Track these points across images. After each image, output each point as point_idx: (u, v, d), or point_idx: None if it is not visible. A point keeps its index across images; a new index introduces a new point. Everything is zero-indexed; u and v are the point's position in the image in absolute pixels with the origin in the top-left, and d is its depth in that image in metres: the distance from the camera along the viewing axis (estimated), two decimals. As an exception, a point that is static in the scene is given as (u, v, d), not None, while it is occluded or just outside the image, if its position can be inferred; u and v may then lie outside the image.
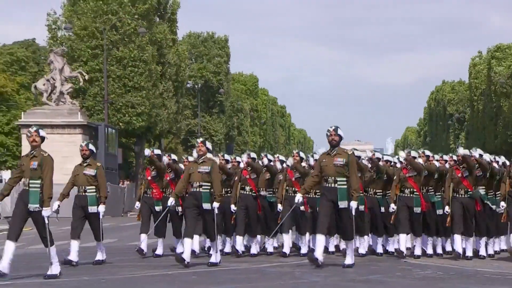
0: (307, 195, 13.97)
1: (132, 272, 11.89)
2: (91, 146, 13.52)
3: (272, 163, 14.97)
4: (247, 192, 14.55)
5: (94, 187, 13.17)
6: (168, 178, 14.77)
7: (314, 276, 11.26)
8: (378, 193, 14.80)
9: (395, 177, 14.32)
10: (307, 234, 14.55)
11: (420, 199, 14.12)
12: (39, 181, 11.09)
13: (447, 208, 13.99)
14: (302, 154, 14.94)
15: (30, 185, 11.10)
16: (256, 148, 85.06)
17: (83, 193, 13.19)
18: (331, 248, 15.06)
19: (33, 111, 41.37)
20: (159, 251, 14.72)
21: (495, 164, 15.16)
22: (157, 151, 14.97)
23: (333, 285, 10.43)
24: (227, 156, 15.51)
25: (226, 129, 75.33)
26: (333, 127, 12.31)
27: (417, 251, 14.23)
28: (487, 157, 15.11)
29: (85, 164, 13.29)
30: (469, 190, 13.95)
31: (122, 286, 10.61)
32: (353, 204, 12.09)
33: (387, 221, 14.51)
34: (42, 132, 11.40)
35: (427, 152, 15.23)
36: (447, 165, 14.87)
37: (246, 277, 11.31)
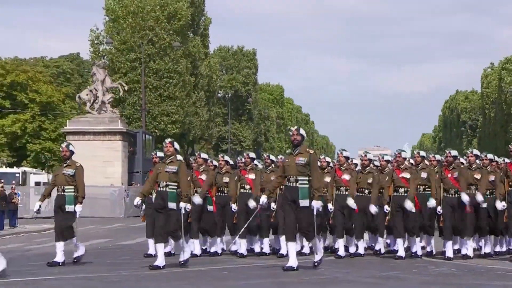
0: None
1: (167, 268, 11.88)
2: (71, 147, 13.02)
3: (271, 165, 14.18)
4: (247, 191, 13.73)
5: (72, 187, 12.56)
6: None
7: (336, 272, 11.17)
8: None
9: (387, 178, 13.49)
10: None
11: (414, 198, 13.16)
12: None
13: (439, 209, 13.27)
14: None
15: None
16: (283, 154, 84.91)
17: (62, 193, 12.58)
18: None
19: (77, 119, 41.66)
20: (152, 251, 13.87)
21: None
22: (160, 154, 14.22)
23: (354, 281, 10.34)
24: (227, 157, 14.64)
25: (254, 136, 75.32)
26: (295, 127, 11.65)
27: (417, 250, 13.36)
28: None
29: (64, 165, 12.75)
30: (459, 190, 13.08)
31: (158, 281, 10.59)
32: (315, 203, 11.16)
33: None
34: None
35: (437, 157, 14.70)
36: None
37: (272, 273, 11.24)
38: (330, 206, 13.62)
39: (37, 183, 50.04)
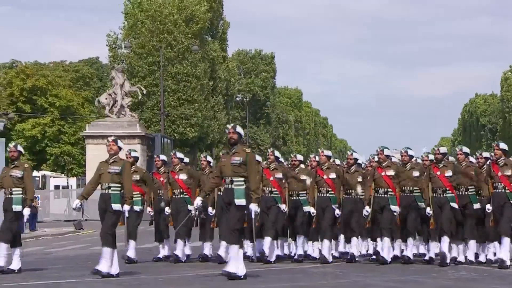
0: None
1: (186, 271, 11.89)
2: (19, 148, 12.26)
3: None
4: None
5: (20, 189, 11.89)
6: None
7: (355, 276, 11.14)
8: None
9: (368, 177, 12.76)
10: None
11: (395, 199, 12.54)
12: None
13: (428, 210, 12.43)
14: (277, 153, 13.58)
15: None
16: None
17: (9, 195, 11.89)
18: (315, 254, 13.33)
19: (96, 123, 41.87)
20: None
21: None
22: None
23: (373, 285, 10.30)
24: (209, 158, 14.02)
25: (272, 139, 75.30)
26: (232, 125, 10.90)
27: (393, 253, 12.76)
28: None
29: (12, 166, 12.02)
30: (447, 189, 12.38)
31: (178, 284, 10.61)
32: (253, 206, 10.43)
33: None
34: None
35: (451, 158, 13.56)
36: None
37: (291, 276, 11.23)
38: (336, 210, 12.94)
39: (57, 187, 50.40)
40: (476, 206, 12.63)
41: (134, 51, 49.17)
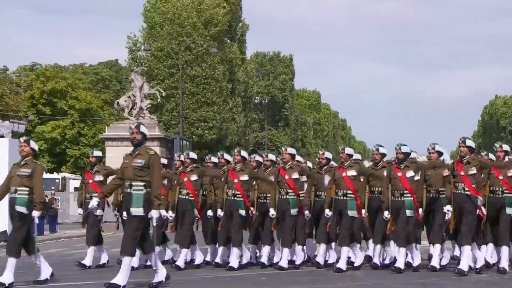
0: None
1: (206, 273, 11.91)
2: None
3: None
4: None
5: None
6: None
7: (374, 278, 11.12)
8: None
9: (329, 179, 11.83)
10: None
11: (356, 202, 11.63)
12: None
13: (386, 214, 11.55)
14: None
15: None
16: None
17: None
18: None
19: (115, 125, 42.04)
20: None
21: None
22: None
23: (393, 287, 10.29)
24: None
25: (291, 141, 75.21)
26: (135, 125, 10.16)
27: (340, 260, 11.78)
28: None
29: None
30: (406, 192, 11.38)
31: (196, 286, 10.63)
32: (154, 213, 9.55)
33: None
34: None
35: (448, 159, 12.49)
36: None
37: (310, 279, 11.23)
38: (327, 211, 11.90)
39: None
40: (446, 209, 11.42)
41: (153, 54, 49.38)
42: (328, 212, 11.82)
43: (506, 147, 12.08)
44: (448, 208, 11.33)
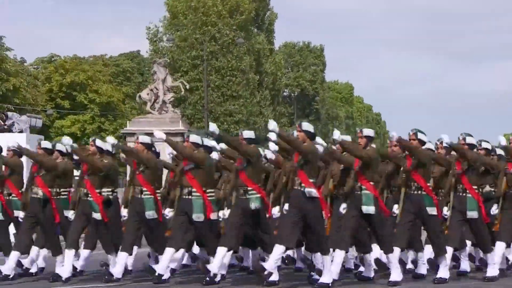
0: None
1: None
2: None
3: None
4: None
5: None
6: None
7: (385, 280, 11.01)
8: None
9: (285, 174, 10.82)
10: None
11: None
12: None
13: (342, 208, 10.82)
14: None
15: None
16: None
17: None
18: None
19: (137, 119, 42.15)
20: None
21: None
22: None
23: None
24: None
25: (321, 136, 75.09)
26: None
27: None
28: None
29: None
30: (364, 187, 10.49)
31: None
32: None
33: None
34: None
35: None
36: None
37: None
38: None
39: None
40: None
41: (177, 45, 49.46)
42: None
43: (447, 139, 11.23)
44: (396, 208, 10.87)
